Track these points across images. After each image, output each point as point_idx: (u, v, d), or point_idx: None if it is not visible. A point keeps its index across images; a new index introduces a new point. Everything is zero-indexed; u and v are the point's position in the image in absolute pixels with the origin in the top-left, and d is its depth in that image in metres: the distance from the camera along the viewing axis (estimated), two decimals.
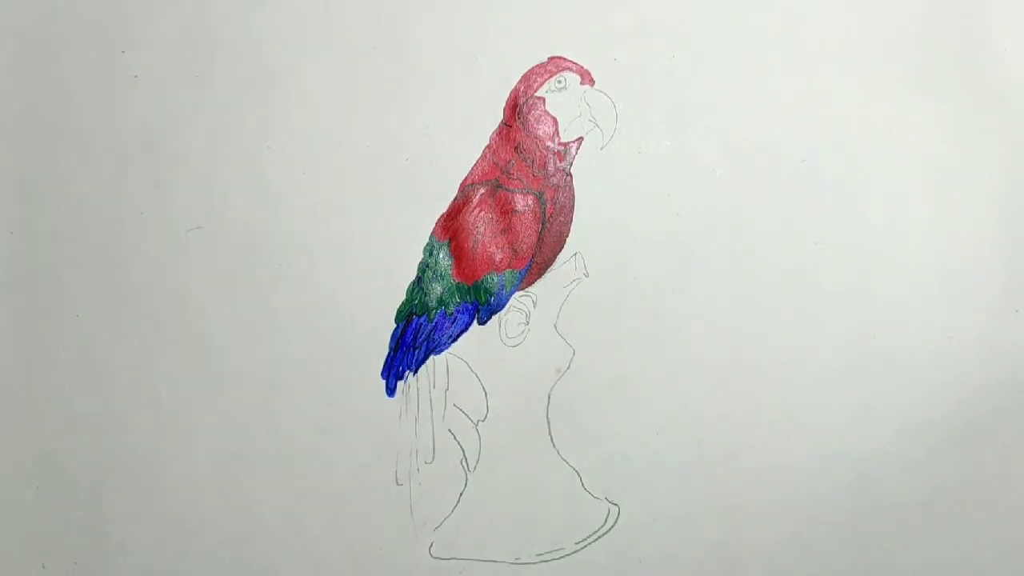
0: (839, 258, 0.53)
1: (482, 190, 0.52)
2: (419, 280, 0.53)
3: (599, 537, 0.53)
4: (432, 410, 0.53)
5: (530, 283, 0.53)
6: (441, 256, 0.52)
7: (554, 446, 0.52)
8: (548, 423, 0.53)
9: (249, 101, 0.53)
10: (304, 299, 0.53)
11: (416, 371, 0.53)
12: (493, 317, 0.53)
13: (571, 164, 0.53)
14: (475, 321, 0.53)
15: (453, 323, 0.53)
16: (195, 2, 0.53)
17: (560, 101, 0.52)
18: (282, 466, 0.53)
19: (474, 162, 0.53)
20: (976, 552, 0.53)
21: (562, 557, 0.53)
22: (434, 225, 0.53)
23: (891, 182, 0.53)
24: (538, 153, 0.52)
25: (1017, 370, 0.53)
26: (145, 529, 0.54)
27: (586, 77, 0.52)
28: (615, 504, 0.52)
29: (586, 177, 0.53)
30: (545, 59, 0.52)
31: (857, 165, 0.53)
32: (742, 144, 0.53)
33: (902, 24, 0.53)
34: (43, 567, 0.54)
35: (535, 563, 0.52)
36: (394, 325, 0.53)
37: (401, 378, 0.53)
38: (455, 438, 0.53)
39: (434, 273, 0.52)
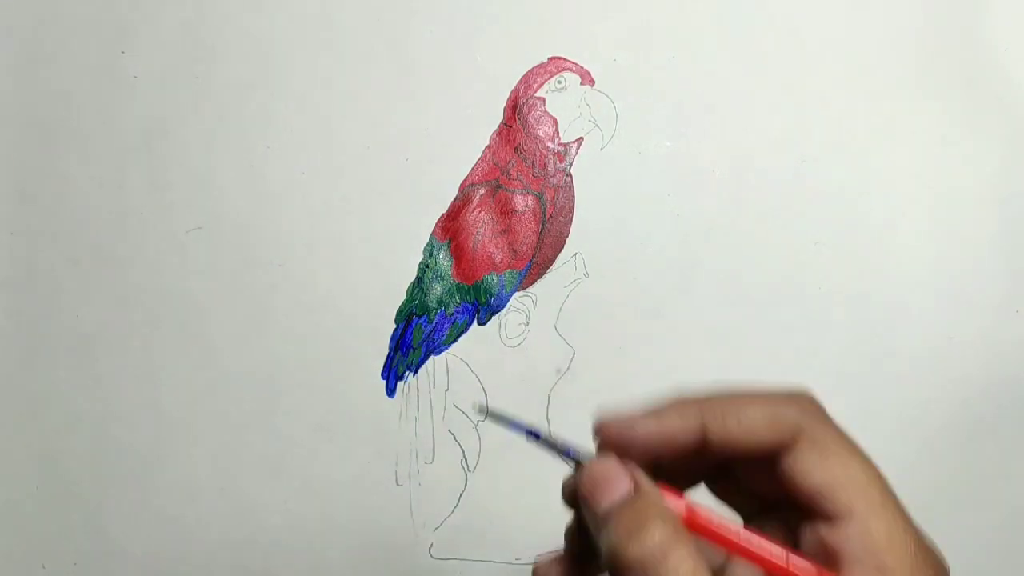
0: (839, 258, 0.53)
1: (482, 191, 0.52)
2: (419, 280, 0.53)
3: None
4: (432, 410, 0.53)
5: (530, 283, 0.53)
6: (441, 256, 0.52)
7: None
8: (548, 423, 0.53)
9: (249, 101, 0.53)
10: (304, 299, 0.53)
11: (416, 372, 0.53)
12: (493, 317, 0.53)
13: (571, 164, 0.53)
14: (475, 321, 0.53)
15: (452, 323, 0.53)
16: (195, 2, 0.53)
17: (560, 101, 0.52)
18: (282, 466, 0.53)
19: (474, 162, 0.53)
20: (976, 552, 0.53)
21: None
22: (434, 225, 0.53)
23: (891, 182, 0.53)
24: (538, 153, 0.52)
25: (1017, 370, 0.53)
26: (145, 529, 0.54)
27: (586, 77, 0.52)
28: None
29: (586, 177, 0.53)
30: (545, 59, 0.52)
31: (857, 165, 0.53)
32: (742, 144, 0.53)
33: (902, 24, 0.53)
34: (43, 567, 0.54)
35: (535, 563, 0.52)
36: (394, 325, 0.53)
37: (401, 378, 0.53)
38: (455, 438, 0.53)
39: (434, 273, 0.52)
